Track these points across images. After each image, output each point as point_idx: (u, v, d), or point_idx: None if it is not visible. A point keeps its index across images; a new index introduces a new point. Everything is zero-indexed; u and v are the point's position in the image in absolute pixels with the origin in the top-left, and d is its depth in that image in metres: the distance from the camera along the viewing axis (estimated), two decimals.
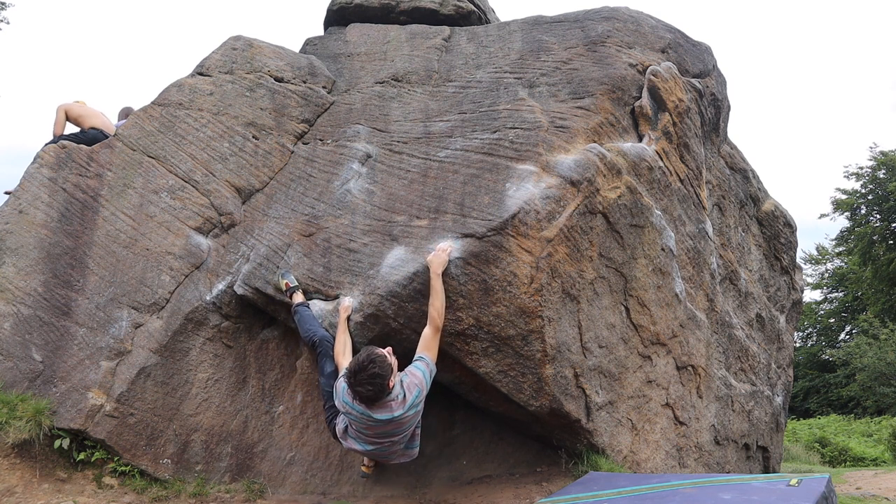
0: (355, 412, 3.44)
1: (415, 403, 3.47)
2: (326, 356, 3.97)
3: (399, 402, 3.41)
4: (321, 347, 4.00)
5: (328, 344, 4.00)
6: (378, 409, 3.39)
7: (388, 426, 3.46)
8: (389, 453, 3.67)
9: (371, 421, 3.43)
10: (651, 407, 4.89)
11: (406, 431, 3.58)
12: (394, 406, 3.40)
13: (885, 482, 8.31)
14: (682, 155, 5.28)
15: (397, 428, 3.50)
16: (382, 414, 3.40)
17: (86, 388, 4.32)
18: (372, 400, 3.35)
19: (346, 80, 5.86)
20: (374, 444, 3.57)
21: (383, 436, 3.53)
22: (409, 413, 3.46)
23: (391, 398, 3.39)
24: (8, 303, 4.53)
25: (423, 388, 3.51)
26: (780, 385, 7.43)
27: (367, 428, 3.49)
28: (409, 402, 3.43)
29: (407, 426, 3.54)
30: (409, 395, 3.44)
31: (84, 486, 4.17)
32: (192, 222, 4.87)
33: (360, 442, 3.60)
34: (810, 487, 3.16)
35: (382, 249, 4.16)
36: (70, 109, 6.22)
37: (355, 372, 3.31)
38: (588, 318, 4.28)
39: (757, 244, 7.01)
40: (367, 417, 3.42)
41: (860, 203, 26.01)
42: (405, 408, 3.42)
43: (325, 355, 3.97)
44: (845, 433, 16.60)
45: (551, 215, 3.99)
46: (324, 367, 3.95)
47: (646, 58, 5.15)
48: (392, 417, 3.41)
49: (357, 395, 3.35)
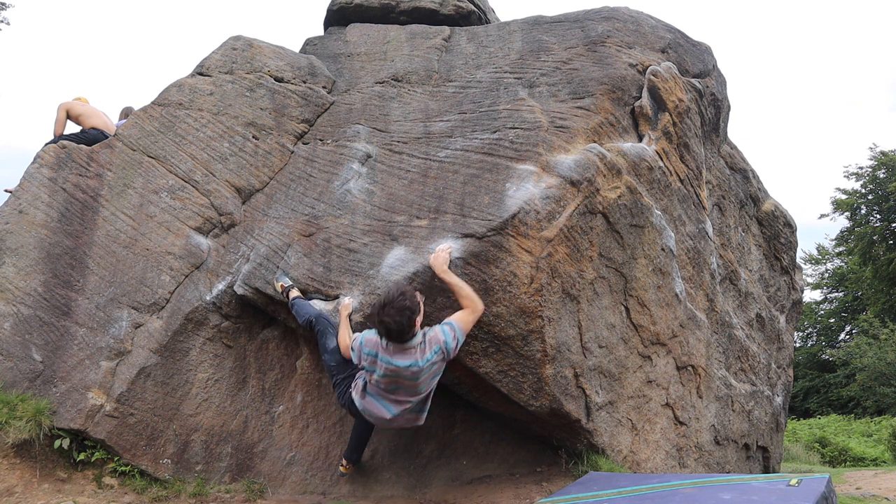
0: (378, 361, 3.45)
1: (432, 361, 3.47)
2: (327, 333, 3.97)
3: (419, 350, 3.43)
4: (319, 325, 4.00)
5: (326, 321, 4.01)
6: (400, 354, 3.42)
7: (407, 377, 3.46)
8: (402, 414, 3.65)
9: (392, 368, 3.43)
10: (651, 407, 4.89)
11: (422, 392, 3.58)
12: (414, 354, 3.42)
13: (885, 482, 8.31)
14: (682, 155, 5.28)
15: (415, 382, 3.50)
16: (403, 360, 3.42)
17: (86, 388, 4.32)
18: (399, 334, 3.34)
19: (346, 80, 5.86)
20: (392, 401, 3.58)
21: (402, 391, 3.53)
22: (426, 368, 3.46)
23: (413, 344, 3.42)
24: (8, 303, 4.53)
25: (443, 350, 3.48)
26: (780, 385, 7.43)
27: (388, 381, 3.49)
28: (427, 355, 3.44)
29: (423, 386, 3.55)
30: (429, 349, 3.45)
31: (84, 486, 4.17)
32: (192, 222, 4.87)
33: (378, 399, 3.61)
34: (810, 487, 3.16)
35: (382, 249, 4.17)
36: (71, 109, 6.22)
37: (385, 303, 3.32)
38: (588, 318, 4.28)
39: (757, 244, 7.01)
40: (389, 365, 3.43)
41: (860, 203, 26.02)
42: (424, 360, 3.44)
43: (325, 332, 3.97)
44: (845, 433, 16.60)
45: (551, 215, 3.99)
46: (326, 344, 3.94)
47: (646, 58, 5.15)
48: (411, 364, 3.42)
49: (384, 327, 3.33)
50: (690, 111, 5.34)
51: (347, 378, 3.83)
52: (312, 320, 4.03)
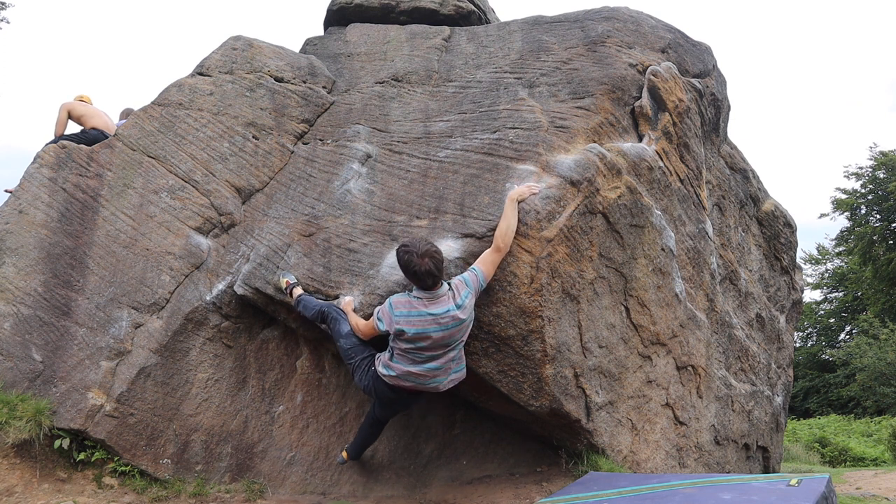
0: (411, 318, 3.50)
1: (465, 304, 3.56)
2: (339, 319, 3.98)
3: (449, 296, 3.54)
4: (331, 312, 4.02)
5: (336, 309, 4.03)
6: (434, 303, 3.50)
7: (444, 326, 3.51)
8: (444, 371, 3.67)
9: (429, 318, 3.49)
10: (651, 407, 4.89)
11: (459, 338, 3.63)
12: (447, 301, 3.52)
13: (885, 482, 8.31)
14: (682, 155, 5.28)
15: (452, 330, 3.55)
16: (438, 307, 3.50)
17: (86, 388, 4.32)
18: (435, 277, 3.46)
19: (346, 80, 5.86)
20: (431, 358, 3.60)
21: (440, 346, 3.57)
22: (461, 312, 3.54)
23: (442, 293, 3.53)
24: (8, 303, 4.53)
25: (471, 292, 3.60)
26: (780, 385, 7.43)
27: (424, 336, 3.52)
28: (459, 299, 3.54)
29: (459, 334, 3.61)
30: (458, 294, 3.56)
31: (84, 486, 4.17)
32: (192, 222, 4.87)
33: (415, 363, 3.62)
34: (810, 487, 3.16)
35: (382, 249, 4.17)
36: (73, 109, 6.23)
37: (415, 253, 3.46)
38: (588, 318, 4.28)
39: (757, 244, 7.01)
40: (424, 317, 3.49)
41: (860, 203, 26.04)
42: (456, 303, 3.53)
43: (338, 319, 3.98)
44: (845, 433, 16.61)
45: (551, 215, 3.99)
46: (340, 329, 3.95)
47: (646, 58, 5.15)
48: (448, 310, 3.50)
49: (422, 272, 3.44)
50: (690, 111, 5.34)
51: (368, 357, 3.86)
52: (324, 310, 4.04)
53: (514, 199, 3.86)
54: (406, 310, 3.55)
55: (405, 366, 3.65)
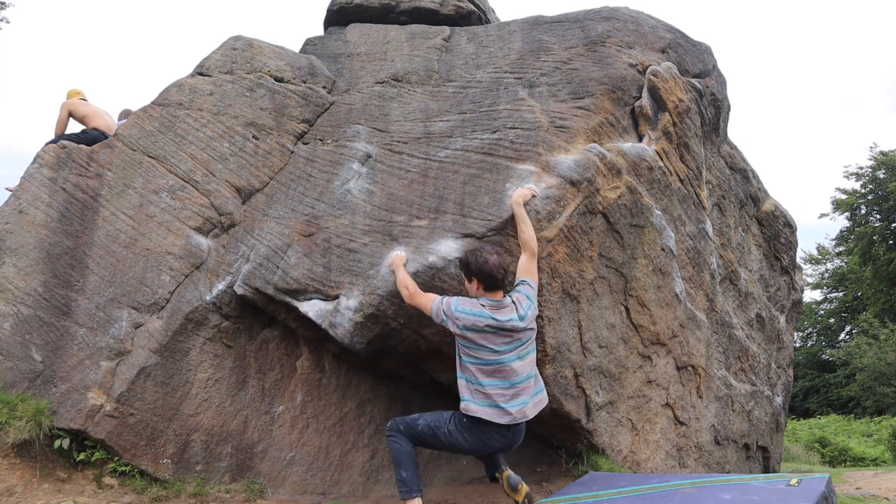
0: (480, 318, 3.44)
1: (528, 316, 3.53)
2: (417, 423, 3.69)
3: (512, 308, 3.51)
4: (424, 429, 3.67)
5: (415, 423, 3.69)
6: (498, 311, 3.48)
7: (512, 335, 3.47)
8: (524, 389, 3.51)
9: (496, 326, 3.44)
10: (651, 407, 4.89)
11: (530, 349, 3.58)
12: (511, 311, 3.49)
13: (885, 482, 8.31)
14: (682, 155, 5.28)
15: (521, 342, 3.51)
16: (503, 314, 3.47)
17: (86, 388, 4.32)
18: (502, 281, 3.49)
19: (346, 80, 5.86)
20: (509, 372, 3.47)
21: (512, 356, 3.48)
22: (526, 323, 3.51)
23: (505, 303, 3.51)
24: (8, 303, 4.53)
25: (533, 304, 3.59)
26: (780, 385, 7.43)
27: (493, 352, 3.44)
28: (522, 310, 3.51)
29: (528, 342, 3.57)
30: (520, 305, 3.53)
31: (84, 486, 4.17)
32: (192, 222, 4.87)
33: (495, 378, 3.47)
34: (810, 487, 3.16)
35: (382, 249, 4.17)
36: (77, 109, 6.23)
37: (484, 257, 3.49)
38: (588, 318, 4.28)
39: (757, 244, 7.01)
40: (492, 322, 3.44)
41: (860, 203, 26.05)
42: (519, 314, 3.49)
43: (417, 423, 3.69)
44: (845, 433, 16.62)
45: (551, 215, 3.99)
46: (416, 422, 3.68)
47: (646, 58, 5.15)
48: (511, 318, 3.47)
49: (493, 273, 3.46)
50: (690, 111, 5.34)
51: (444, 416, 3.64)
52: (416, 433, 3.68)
53: (520, 202, 3.87)
54: (474, 309, 3.50)
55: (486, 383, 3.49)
